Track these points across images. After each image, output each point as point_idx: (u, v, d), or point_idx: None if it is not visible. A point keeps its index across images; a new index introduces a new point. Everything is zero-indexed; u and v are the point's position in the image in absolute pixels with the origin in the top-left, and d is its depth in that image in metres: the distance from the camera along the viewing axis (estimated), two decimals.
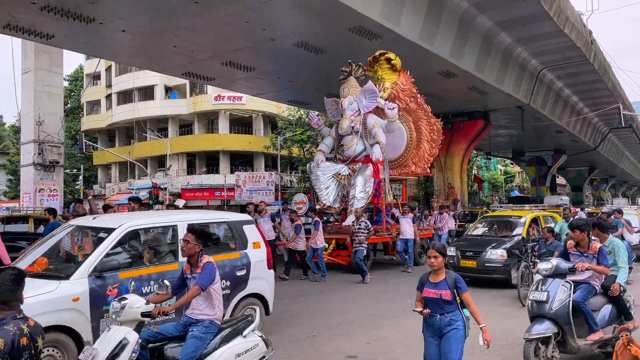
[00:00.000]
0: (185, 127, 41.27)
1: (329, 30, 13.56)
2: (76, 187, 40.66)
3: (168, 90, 40.75)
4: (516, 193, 59.87)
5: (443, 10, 14.82)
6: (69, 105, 41.95)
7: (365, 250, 11.31)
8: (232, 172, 37.18)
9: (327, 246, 11.96)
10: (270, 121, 40.52)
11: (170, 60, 16.09)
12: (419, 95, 14.17)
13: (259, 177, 30.15)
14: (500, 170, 64.66)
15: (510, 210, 13.03)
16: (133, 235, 5.42)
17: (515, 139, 34.43)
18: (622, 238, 10.92)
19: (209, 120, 40.31)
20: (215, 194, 35.62)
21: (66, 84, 42.91)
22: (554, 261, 5.11)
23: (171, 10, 12.05)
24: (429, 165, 14.34)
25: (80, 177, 39.95)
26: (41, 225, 11.27)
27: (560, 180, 56.45)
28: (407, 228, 12.66)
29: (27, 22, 12.64)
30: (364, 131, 13.51)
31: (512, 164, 59.18)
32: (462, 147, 25.08)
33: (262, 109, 38.25)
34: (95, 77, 43.05)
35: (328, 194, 13.25)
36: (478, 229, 11.60)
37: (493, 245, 10.22)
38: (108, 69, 42.98)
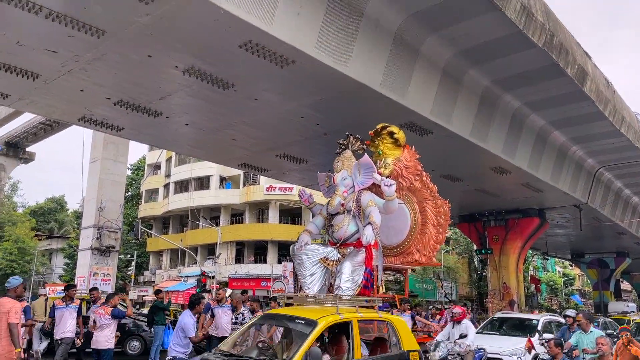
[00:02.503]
0: (237, 216, 42.18)
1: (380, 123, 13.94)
2: (128, 273, 41.54)
3: (223, 180, 42.30)
4: (577, 297, 56.36)
5: (494, 108, 15.04)
6: (129, 193, 44.04)
7: None
8: (279, 262, 37.15)
9: None
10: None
11: (228, 152, 16.84)
12: (424, 173, 12.67)
13: None
14: (559, 272, 61.52)
15: (298, 308, 7.56)
16: None
17: (574, 239, 33.00)
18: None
19: (260, 210, 41.13)
20: (262, 284, 35.45)
21: (129, 172, 45.41)
22: None
23: (234, 106, 12.82)
24: (435, 253, 12.53)
25: (133, 263, 40.90)
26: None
27: (626, 285, 52.91)
28: None
29: (100, 116, 13.70)
30: (358, 210, 11.72)
31: (571, 265, 56.29)
32: (517, 246, 24.22)
33: None
34: (156, 167, 45.42)
35: (313, 283, 11.27)
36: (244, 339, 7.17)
37: None
38: (168, 160, 45.35)
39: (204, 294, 11.72)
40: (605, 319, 18.34)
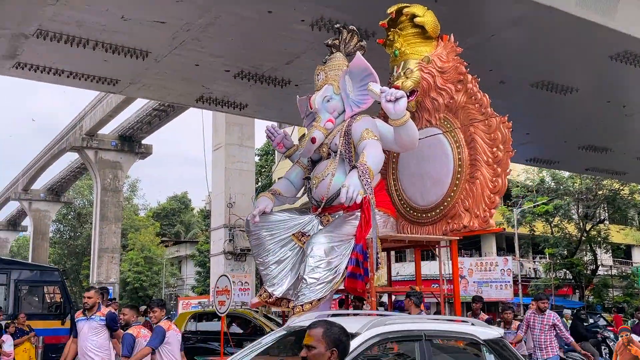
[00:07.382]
0: None
1: (581, 61, 13.06)
2: None
3: None
4: None
5: None
6: (259, 184, 46.66)
7: None
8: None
9: None
10: None
11: None
12: (469, 77, 9.15)
13: (490, 265, 29.28)
14: None
15: None
16: None
17: None
18: None
19: None
20: (433, 286, 35.37)
21: (256, 159, 48.04)
22: None
23: (377, 59, 12.85)
24: (493, 211, 8.88)
25: None
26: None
27: None
28: None
29: (219, 93, 14.65)
30: (347, 149, 8.78)
31: None
32: None
33: None
34: None
35: (280, 276, 8.74)
36: None
37: None
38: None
39: None
40: None
